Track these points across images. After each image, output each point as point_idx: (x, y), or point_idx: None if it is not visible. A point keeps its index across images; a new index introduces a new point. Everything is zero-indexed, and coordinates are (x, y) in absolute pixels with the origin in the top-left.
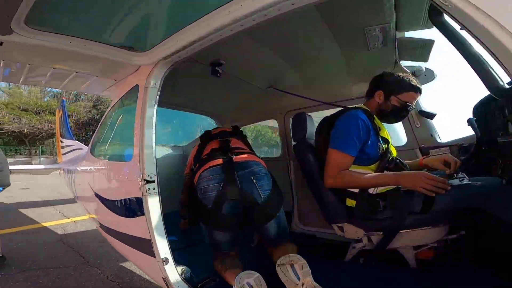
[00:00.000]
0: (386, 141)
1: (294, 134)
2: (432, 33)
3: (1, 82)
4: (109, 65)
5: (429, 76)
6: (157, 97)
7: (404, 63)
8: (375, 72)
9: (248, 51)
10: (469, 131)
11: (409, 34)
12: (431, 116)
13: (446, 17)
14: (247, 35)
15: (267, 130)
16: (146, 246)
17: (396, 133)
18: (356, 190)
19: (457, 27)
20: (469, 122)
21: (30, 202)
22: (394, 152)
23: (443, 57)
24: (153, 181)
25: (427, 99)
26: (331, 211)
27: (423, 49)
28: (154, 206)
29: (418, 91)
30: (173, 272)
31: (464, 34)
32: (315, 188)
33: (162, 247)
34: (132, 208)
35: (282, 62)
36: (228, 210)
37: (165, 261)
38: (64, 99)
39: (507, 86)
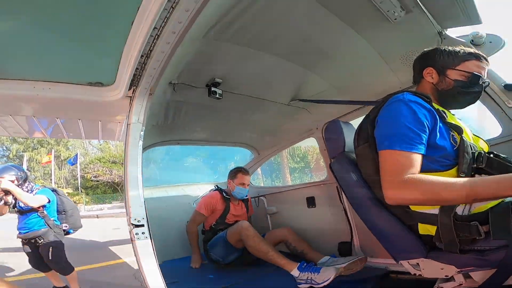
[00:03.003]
0: (458, 129)
1: (329, 150)
2: None
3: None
4: (92, 107)
5: (495, 43)
6: (142, 132)
7: (454, 32)
8: (419, 52)
9: (251, 64)
10: None
11: None
12: None
13: None
14: (243, 46)
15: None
16: None
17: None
18: (435, 211)
19: None
20: None
21: (118, 240)
22: (484, 147)
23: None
24: (142, 225)
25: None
26: (397, 244)
27: (463, 3)
28: (145, 251)
29: (481, 58)
30: None
31: None
32: (367, 216)
33: None
34: None
35: (297, 68)
36: None
37: None
38: None
39: None
